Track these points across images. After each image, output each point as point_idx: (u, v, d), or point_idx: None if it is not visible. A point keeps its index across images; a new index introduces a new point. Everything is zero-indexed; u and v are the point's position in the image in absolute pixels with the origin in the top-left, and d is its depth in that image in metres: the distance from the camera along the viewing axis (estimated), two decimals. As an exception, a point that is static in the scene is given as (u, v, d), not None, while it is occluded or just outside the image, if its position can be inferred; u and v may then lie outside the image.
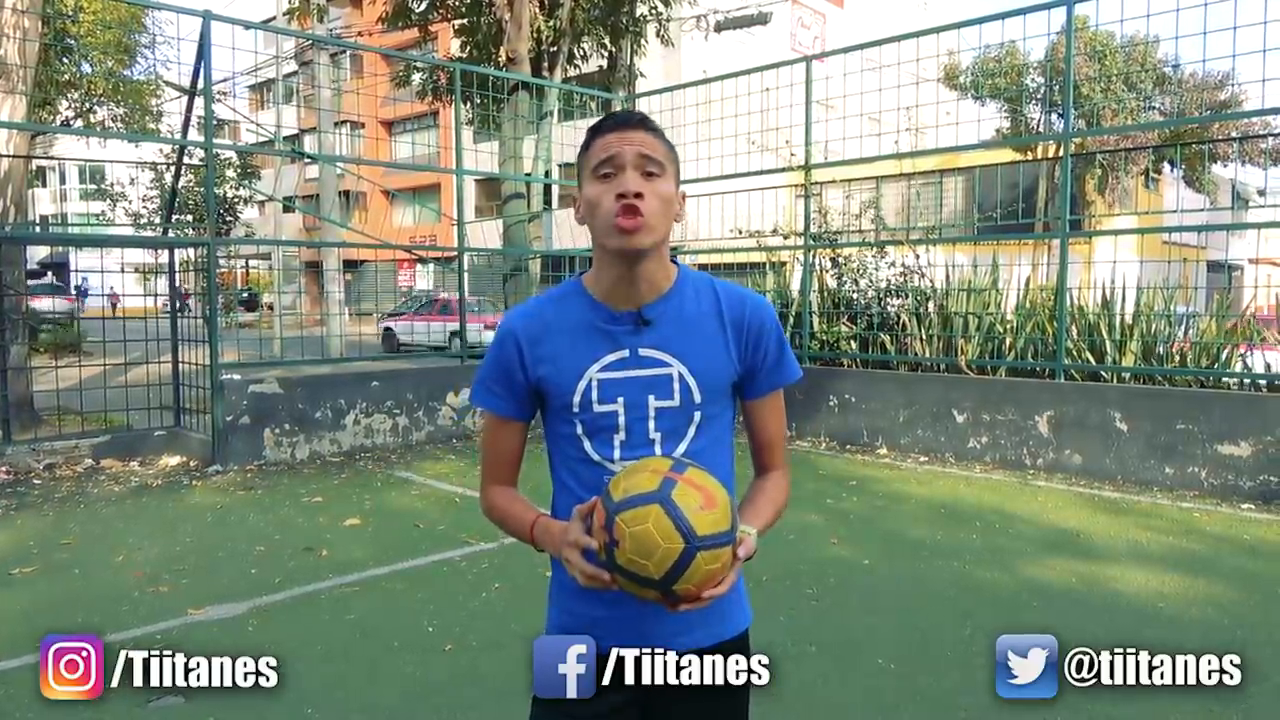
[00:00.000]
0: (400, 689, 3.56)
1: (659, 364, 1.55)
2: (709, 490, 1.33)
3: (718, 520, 1.31)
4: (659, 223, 1.49)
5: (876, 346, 9.08)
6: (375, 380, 8.75)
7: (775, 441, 1.69)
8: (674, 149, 1.57)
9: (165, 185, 15.23)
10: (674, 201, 1.53)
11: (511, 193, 10.94)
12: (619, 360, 1.55)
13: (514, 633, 4.16)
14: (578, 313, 1.57)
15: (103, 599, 4.57)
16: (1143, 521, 6.07)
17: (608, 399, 1.55)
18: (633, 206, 1.46)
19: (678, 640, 1.55)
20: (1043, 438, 7.55)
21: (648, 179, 1.48)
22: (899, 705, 3.43)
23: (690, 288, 1.59)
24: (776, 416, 1.68)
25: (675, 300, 1.56)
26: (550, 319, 1.58)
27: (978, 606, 4.48)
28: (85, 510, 6.42)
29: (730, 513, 1.35)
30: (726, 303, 1.59)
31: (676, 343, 1.56)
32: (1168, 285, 7.79)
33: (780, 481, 1.67)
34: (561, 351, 1.56)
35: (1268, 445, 6.50)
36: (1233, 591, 4.71)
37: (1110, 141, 20.90)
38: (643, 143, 1.49)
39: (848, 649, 3.95)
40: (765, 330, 1.60)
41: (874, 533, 5.81)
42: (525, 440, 1.69)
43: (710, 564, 1.30)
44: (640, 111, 1.60)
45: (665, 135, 1.56)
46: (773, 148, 10.25)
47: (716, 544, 1.31)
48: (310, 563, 5.18)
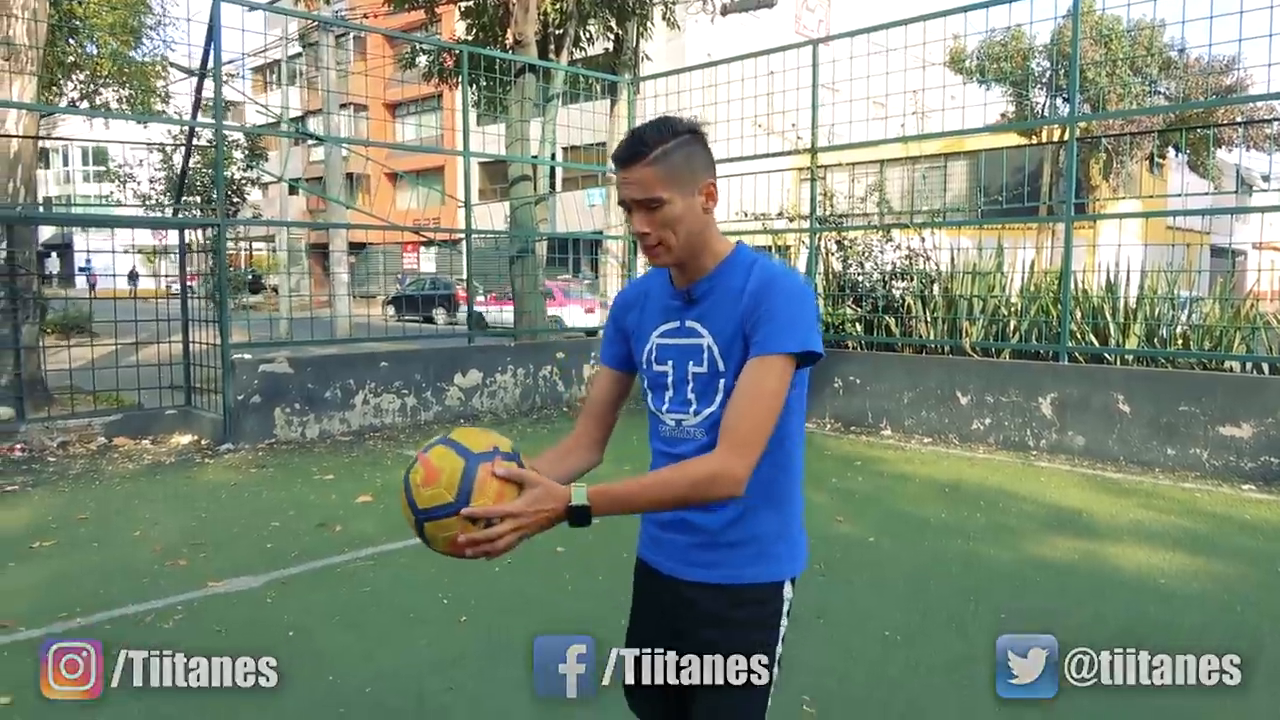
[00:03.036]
0: (419, 658, 3.65)
1: (696, 334, 1.72)
2: (433, 466, 1.54)
3: (435, 495, 1.51)
4: (673, 241, 1.67)
5: (881, 329, 9.14)
6: (384, 361, 8.83)
7: (729, 421, 1.59)
8: (679, 154, 1.64)
9: (173, 167, 15.26)
10: (688, 212, 1.66)
11: (518, 175, 10.98)
12: (672, 329, 1.76)
13: (526, 604, 4.25)
14: (659, 288, 1.81)
15: (123, 571, 4.66)
16: (1144, 501, 6.16)
17: (662, 360, 1.77)
18: (646, 245, 1.69)
19: (686, 570, 1.76)
20: (1046, 419, 7.63)
21: (651, 212, 1.65)
22: (903, 675, 3.52)
23: (734, 267, 1.70)
24: (743, 393, 1.60)
25: (717, 279, 1.71)
26: (646, 290, 1.85)
27: (981, 582, 4.57)
28: (101, 486, 6.51)
29: (452, 488, 1.51)
30: (752, 277, 1.67)
31: (710, 317, 1.70)
32: (1171, 269, 7.83)
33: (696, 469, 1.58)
34: (643, 318, 1.82)
35: (1269, 427, 6.57)
36: (1232, 569, 4.79)
37: (1115, 126, 20.87)
38: (640, 182, 1.64)
39: (854, 621, 4.04)
40: (762, 296, 1.63)
41: (879, 511, 5.89)
42: (615, 392, 1.92)
43: (441, 531, 1.52)
44: (639, 135, 1.66)
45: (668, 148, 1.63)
46: (778, 131, 10.28)
47: (439, 515, 1.51)
48: (324, 538, 5.27)
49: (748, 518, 1.70)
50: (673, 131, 1.66)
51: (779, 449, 1.68)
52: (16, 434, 7.63)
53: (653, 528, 1.83)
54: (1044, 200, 21.38)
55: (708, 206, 1.69)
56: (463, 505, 1.51)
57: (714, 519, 1.71)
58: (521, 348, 10.16)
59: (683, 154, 1.65)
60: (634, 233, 1.71)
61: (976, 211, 10.91)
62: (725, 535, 1.71)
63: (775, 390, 1.59)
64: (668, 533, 1.78)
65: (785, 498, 1.74)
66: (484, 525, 1.53)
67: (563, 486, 1.60)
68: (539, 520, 1.57)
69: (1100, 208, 19.69)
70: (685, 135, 1.67)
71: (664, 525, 1.78)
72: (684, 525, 1.74)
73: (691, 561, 1.75)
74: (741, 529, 1.70)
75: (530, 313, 11.13)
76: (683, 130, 1.68)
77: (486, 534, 1.52)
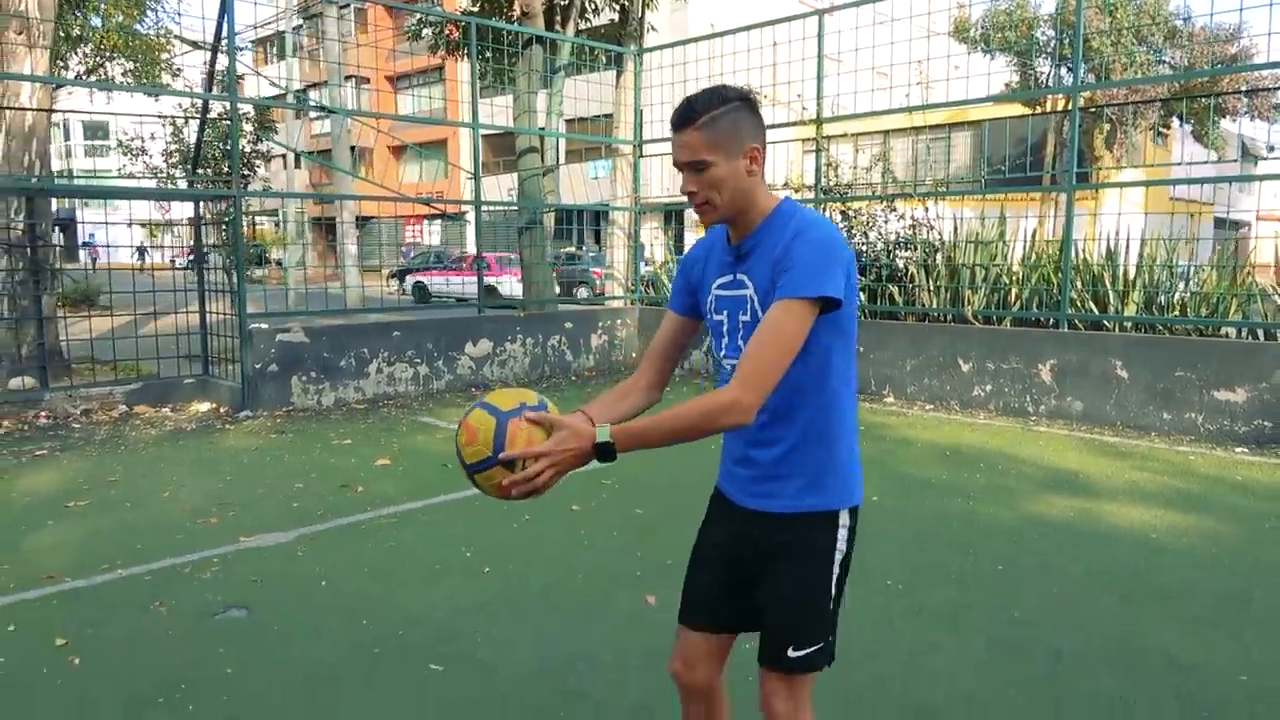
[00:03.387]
0: (446, 604, 3.85)
1: (743, 286, 1.89)
2: (471, 427, 1.79)
3: (477, 450, 1.77)
4: (719, 200, 1.83)
5: (885, 298, 9.29)
6: (397, 330, 9.00)
7: (744, 357, 1.73)
8: (726, 120, 1.79)
9: (184, 140, 15.35)
10: (731, 175, 1.81)
11: (526, 147, 11.08)
12: (726, 282, 1.93)
13: (545, 557, 4.45)
14: (720, 245, 1.98)
15: (156, 528, 4.86)
16: (1139, 464, 6.34)
17: (719, 311, 1.96)
18: (695, 204, 1.86)
19: (748, 500, 1.96)
20: (1045, 385, 7.80)
21: (698, 173, 1.81)
22: (903, 619, 3.71)
23: (777, 224, 1.85)
24: (760, 333, 1.73)
25: (762, 235, 1.86)
26: (710, 247, 2.02)
27: (979, 537, 4.76)
28: (126, 451, 6.71)
29: (488, 442, 1.75)
30: (788, 231, 1.82)
31: (754, 270, 1.86)
32: (1170, 237, 7.97)
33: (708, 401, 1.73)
34: (705, 271, 2.00)
35: (1262, 391, 6.75)
36: (1221, 525, 4.98)
37: (1119, 95, 20.85)
38: (689, 145, 1.81)
39: (858, 572, 4.20)
40: (790, 247, 1.78)
41: (882, 473, 6.07)
42: (677, 337, 2.11)
43: (488, 480, 1.77)
44: (690, 102, 1.82)
45: (716, 115, 1.79)
46: (783, 102, 10.36)
47: (483, 467, 1.77)
48: (348, 497, 5.47)
49: (796, 453, 1.87)
50: (722, 99, 1.81)
51: (823, 390, 1.85)
52: (41, 402, 7.83)
53: (727, 462, 2.01)
54: (1047, 170, 21.43)
55: (752, 169, 1.83)
56: (498, 453, 1.74)
57: (766, 454, 1.89)
58: (531, 318, 10.32)
59: (729, 120, 1.79)
60: (683, 191, 1.85)
61: (980, 181, 10.99)
62: (776, 469, 1.88)
63: (791, 332, 1.72)
64: (736, 467, 1.97)
65: (832, 436, 1.88)
66: (522, 468, 1.73)
67: (589, 426, 1.78)
68: (568, 457, 1.74)
69: (1103, 177, 19.74)
70: (735, 103, 1.81)
71: (735, 461, 1.98)
72: (746, 460, 1.94)
73: (751, 493, 1.94)
74: (790, 464, 1.87)
75: (539, 283, 11.27)
76: (732, 98, 1.82)
77: (525, 474, 1.73)
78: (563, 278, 19.49)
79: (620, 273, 12.34)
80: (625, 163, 12.20)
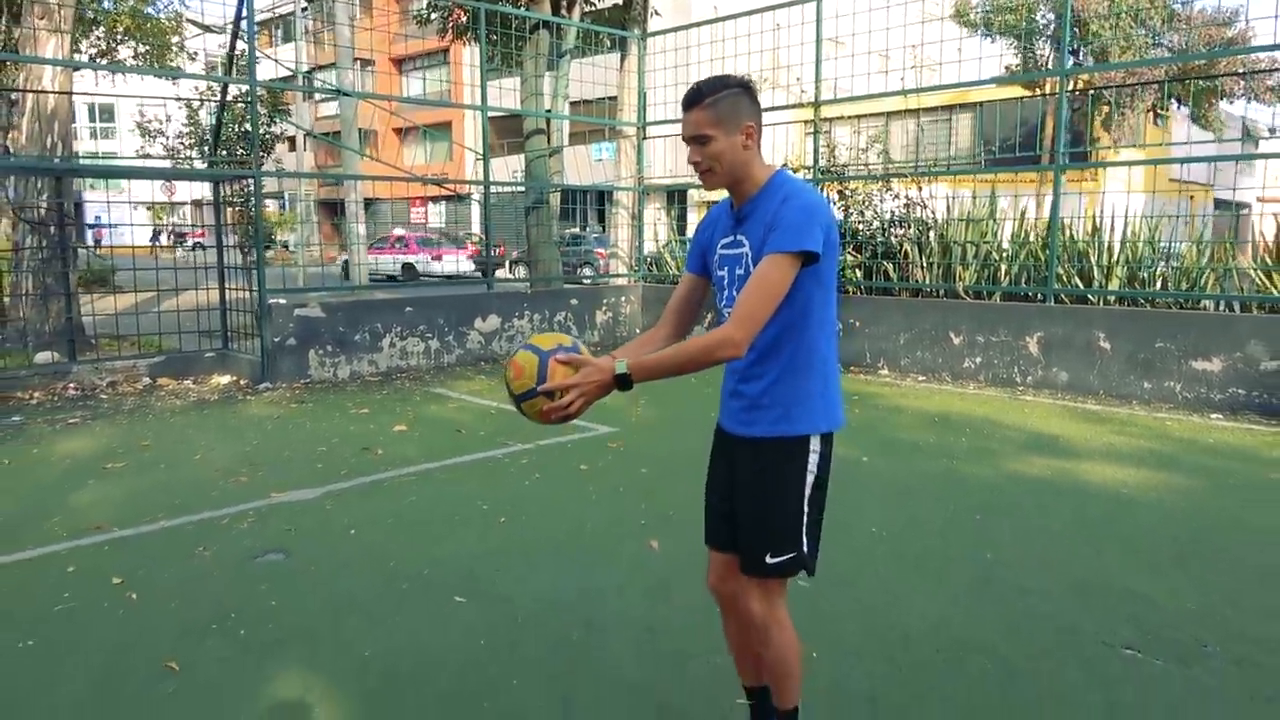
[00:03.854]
0: (465, 549, 4.20)
1: (741, 245, 2.21)
2: (518, 364, 2.15)
3: (523, 382, 2.12)
4: (719, 168, 2.17)
5: (880, 274, 9.60)
6: (409, 306, 9.33)
7: (737, 301, 2.06)
8: (726, 102, 2.13)
9: (198, 123, 15.63)
10: (729, 149, 2.15)
11: (533, 129, 11.36)
12: (728, 242, 2.26)
13: (556, 510, 4.79)
14: (726, 212, 2.31)
15: (192, 486, 5.21)
16: (1118, 428, 6.67)
17: (721, 267, 2.28)
18: (699, 171, 2.20)
19: (737, 428, 2.28)
20: (1032, 357, 8.12)
21: (701, 146, 2.16)
22: (888, 562, 4.05)
23: (773, 191, 2.18)
24: (750, 280, 2.05)
25: (758, 202, 2.19)
26: (719, 214, 2.34)
27: (961, 493, 5.10)
28: (154, 419, 7.05)
29: (533, 376, 2.11)
30: (778, 198, 2.15)
31: (750, 232, 2.19)
32: (1150, 216, 8.26)
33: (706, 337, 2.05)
34: (714, 235, 2.34)
35: (1236, 361, 7.06)
36: (1188, 482, 5.31)
37: (1117, 77, 21.03)
38: (695, 122, 2.15)
39: (845, 523, 4.56)
40: (779, 211, 2.11)
41: (872, 437, 6.41)
42: (692, 294, 2.44)
43: (532, 407, 2.14)
44: (697, 86, 2.16)
45: (718, 97, 2.13)
46: (783, 85, 10.63)
47: (529, 397, 2.12)
48: (368, 459, 5.82)
49: (775, 387, 2.19)
50: (724, 85, 2.14)
51: (804, 333, 2.17)
52: (69, 374, 8.17)
53: (724, 397, 2.34)
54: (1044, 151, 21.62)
55: (747, 144, 2.16)
56: (540, 384, 2.10)
57: (753, 388, 2.21)
58: (537, 295, 10.64)
59: (729, 102, 2.12)
60: (689, 160, 2.19)
61: (974, 162, 11.27)
62: (760, 400, 2.21)
63: (776, 280, 2.04)
64: (729, 400, 2.30)
65: (809, 372, 2.19)
66: (559, 398, 2.08)
67: (609, 361, 2.11)
68: (593, 387, 2.08)
69: (1100, 158, 19.95)
70: (735, 89, 2.15)
71: (729, 394, 2.31)
72: (737, 394, 2.27)
73: (740, 421, 2.26)
74: (770, 396, 2.20)
75: (544, 261, 11.58)
76: (733, 84, 2.15)
77: (560, 402, 2.08)
78: (567, 258, 19.87)
79: (624, 251, 12.64)
80: (629, 144, 12.47)
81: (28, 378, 7.93)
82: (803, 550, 2.23)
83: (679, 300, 2.45)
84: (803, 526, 2.22)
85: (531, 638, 3.28)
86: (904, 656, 3.13)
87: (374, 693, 2.89)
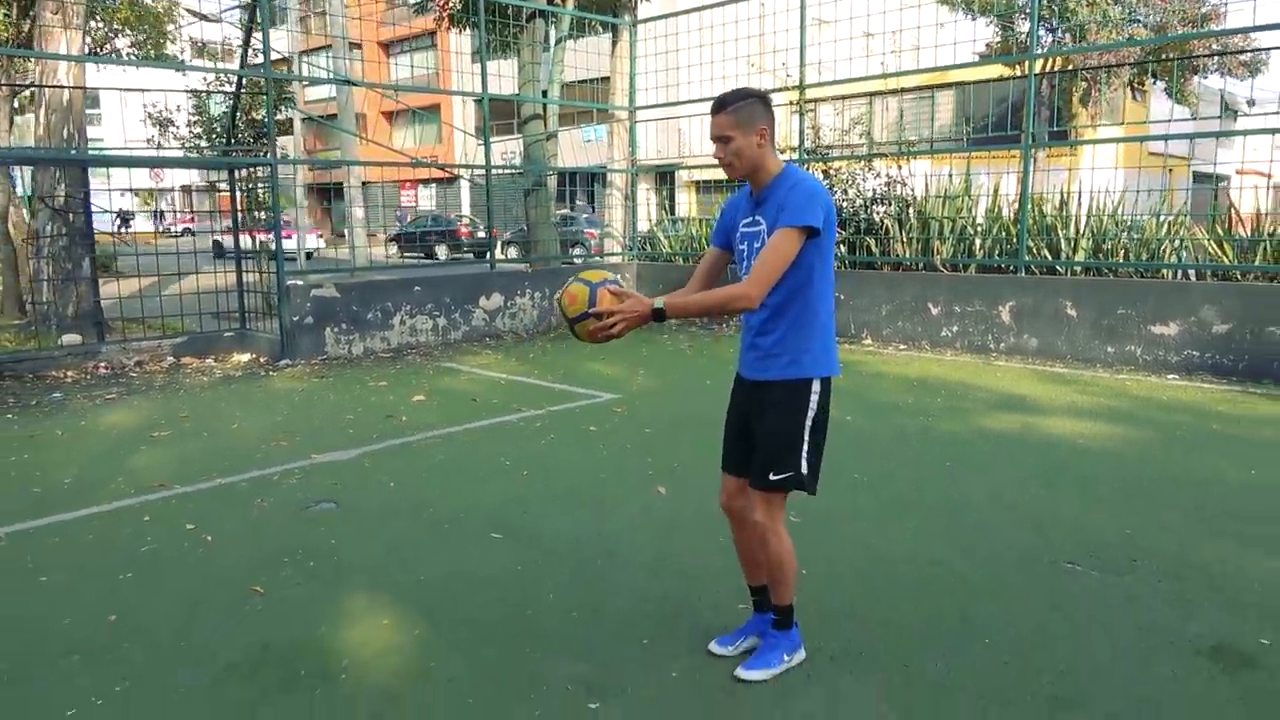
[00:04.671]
0: (493, 497, 4.73)
1: (758, 224, 2.73)
2: (572, 293, 2.64)
3: (577, 307, 2.61)
4: (739, 163, 2.69)
5: (863, 249, 10.14)
6: (417, 286, 9.82)
7: (754, 264, 2.59)
8: (744, 110, 2.65)
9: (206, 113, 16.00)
10: (747, 147, 2.65)
11: (531, 114, 11.82)
12: (749, 222, 2.77)
13: (571, 465, 5.33)
14: (746, 196, 2.82)
15: (236, 450, 5.72)
16: (1082, 389, 7.25)
17: (742, 242, 2.80)
18: (722, 165, 2.72)
19: (752, 373, 2.81)
20: (1005, 325, 8.69)
21: (724, 144, 2.67)
22: (869, 501, 4.61)
23: (784, 180, 2.69)
24: (764, 249, 2.58)
25: (771, 190, 2.70)
26: (741, 198, 2.85)
27: (935, 445, 5.66)
28: (186, 394, 7.55)
29: (585, 302, 2.60)
30: (788, 185, 2.67)
31: (765, 214, 2.70)
32: (1128, 190, 8.82)
33: (725, 289, 2.62)
34: (736, 215, 2.85)
35: (1191, 325, 7.64)
36: (1140, 434, 5.89)
37: (1095, 56, 21.52)
38: (717, 125, 2.68)
39: (831, 471, 5.07)
40: (788, 194, 2.64)
41: (855, 400, 6.95)
42: (716, 265, 2.94)
43: (584, 328, 2.63)
44: (722, 97, 2.69)
45: (738, 106, 2.65)
46: (770, 69, 11.11)
47: (582, 318, 2.61)
48: (394, 425, 6.33)
49: (783, 340, 2.72)
50: (744, 96, 2.67)
51: (807, 296, 2.68)
52: (99, 354, 8.64)
53: (742, 350, 2.86)
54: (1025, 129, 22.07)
55: (761, 143, 2.67)
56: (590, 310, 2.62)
57: (766, 340, 2.74)
58: (538, 274, 11.14)
59: (747, 110, 2.65)
60: (714, 155, 2.73)
61: (955, 140, 11.80)
62: (771, 350, 2.74)
63: (785, 249, 2.57)
64: (746, 352, 2.83)
65: (809, 330, 2.71)
66: (606, 320, 2.58)
67: (648, 298, 2.61)
68: (634, 315, 2.57)
69: (1079, 135, 20.48)
70: (752, 99, 2.67)
71: (746, 348, 2.82)
72: (753, 346, 2.80)
73: (755, 368, 2.79)
74: (779, 346, 2.72)
75: (543, 242, 12.07)
76: (751, 95, 2.68)
77: (606, 322, 2.58)
78: (560, 239, 20.35)
79: (618, 231, 13.13)
80: (621, 127, 12.94)
81: (61, 358, 8.40)
82: (801, 471, 2.76)
83: (703, 270, 2.96)
84: (803, 452, 2.75)
85: (561, 565, 3.82)
86: (879, 575, 3.69)
87: (434, 606, 3.42)
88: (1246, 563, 3.73)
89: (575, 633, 3.21)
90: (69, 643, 3.16)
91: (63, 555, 4.00)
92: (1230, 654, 2.98)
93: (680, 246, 12.66)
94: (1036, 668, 2.91)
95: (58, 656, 3.07)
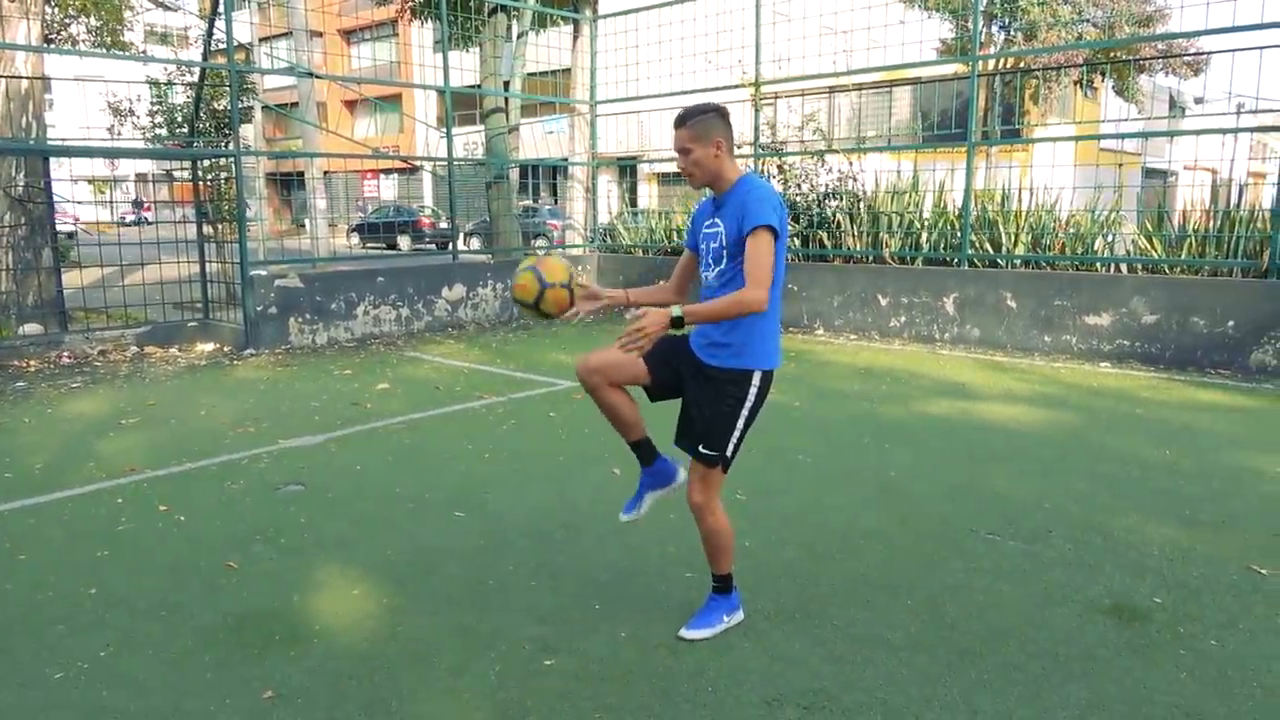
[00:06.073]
0: (458, 479, 4.96)
1: (718, 227, 2.97)
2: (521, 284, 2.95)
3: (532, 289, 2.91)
4: (699, 172, 2.94)
5: (816, 243, 10.47)
6: (380, 276, 9.98)
7: (747, 271, 2.79)
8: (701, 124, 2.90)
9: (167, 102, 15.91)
10: (705, 157, 2.90)
11: (493, 107, 11.99)
12: (710, 224, 3.02)
13: (533, 450, 5.57)
14: (710, 202, 3.06)
15: (205, 435, 5.88)
16: (1018, 376, 7.64)
17: (704, 242, 3.04)
18: (685, 174, 2.99)
19: (706, 359, 3.03)
20: (949, 315, 9.07)
21: (685, 155, 2.94)
22: (811, 479, 4.91)
23: (740, 187, 2.95)
24: (749, 254, 2.79)
25: (730, 196, 2.95)
26: (706, 205, 3.09)
27: (877, 428, 5.99)
28: (152, 383, 7.66)
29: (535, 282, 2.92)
30: (744, 192, 2.93)
31: (725, 218, 2.95)
32: (1049, 188, 9.24)
33: (733, 296, 2.80)
34: (700, 218, 3.11)
35: (1123, 315, 8.06)
36: (1069, 416, 6.27)
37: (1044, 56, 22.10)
38: (678, 139, 2.94)
39: (777, 450, 5.42)
40: (745, 203, 2.89)
41: (804, 386, 7.27)
42: (689, 265, 3.20)
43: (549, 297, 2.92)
44: (683, 112, 2.94)
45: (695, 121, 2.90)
46: (726, 66, 11.39)
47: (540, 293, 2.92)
48: (359, 412, 6.53)
49: (731, 333, 2.96)
50: (702, 111, 2.92)
51: None
52: (62, 344, 8.70)
53: (696, 338, 3.07)
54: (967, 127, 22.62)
55: (718, 154, 2.92)
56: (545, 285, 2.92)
57: (716, 331, 2.99)
58: (500, 265, 11.33)
59: (704, 124, 2.90)
60: (677, 165, 3.00)
61: (908, 137, 12.17)
62: (720, 340, 2.98)
63: (764, 249, 2.80)
64: (700, 339, 3.05)
65: (757, 324, 2.94)
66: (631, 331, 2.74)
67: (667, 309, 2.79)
68: (655, 327, 2.76)
69: (1029, 132, 21.05)
70: (710, 113, 2.92)
71: (698, 334, 3.05)
72: (703, 334, 3.04)
73: (707, 354, 3.02)
74: (728, 337, 2.97)
75: (505, 233, 12.25)
76: (709, 110, 2.93)
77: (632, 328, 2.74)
78: (522, 230, 20.51)
79: (579, 223, 13.35)
80: (583, 121, 13.15)
81: (22, 348, 8.45)
82: (726, 454, 3.02)
83: (680, 270, 3.26)
84: (733, 438, 3.01)
85: (522, 537, 4.08)
86: (815, 543, 3.99)
87: (401, 578, 3.66)
88: (1150, 531, 4.08)
89: (533, 599, 3.46)
90: (52, 614, 3.36)
91: (39, 536, 4.17)
92: (1125, 611, 3.32)
93: (640, 238, 12.92)
94: (950, 623, 3.22)
95: (43, 626, 3.26)
